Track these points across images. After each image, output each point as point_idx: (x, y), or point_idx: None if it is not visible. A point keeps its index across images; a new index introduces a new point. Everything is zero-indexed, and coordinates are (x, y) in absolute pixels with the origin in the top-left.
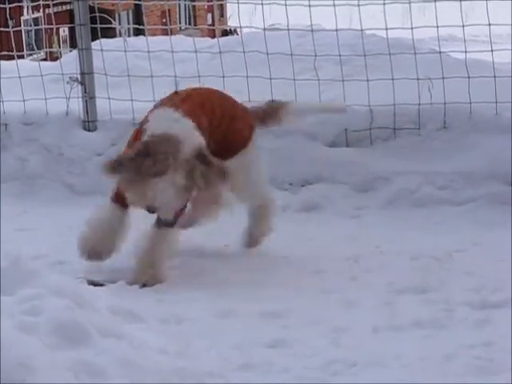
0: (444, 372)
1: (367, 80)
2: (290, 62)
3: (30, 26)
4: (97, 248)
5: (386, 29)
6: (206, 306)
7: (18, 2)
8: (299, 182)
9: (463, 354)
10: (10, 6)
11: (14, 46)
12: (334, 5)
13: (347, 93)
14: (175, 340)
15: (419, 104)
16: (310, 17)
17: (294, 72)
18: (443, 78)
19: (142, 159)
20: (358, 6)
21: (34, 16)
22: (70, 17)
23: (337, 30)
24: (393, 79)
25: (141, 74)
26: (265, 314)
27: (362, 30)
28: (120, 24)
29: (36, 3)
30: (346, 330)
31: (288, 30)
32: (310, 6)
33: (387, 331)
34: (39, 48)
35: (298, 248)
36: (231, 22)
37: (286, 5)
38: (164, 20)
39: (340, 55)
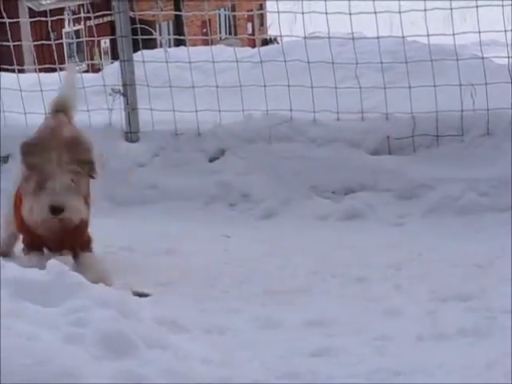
0: (487, 380)
1: (409, 87)
2: (331, 70)
3: (72, 38)
4: None
5: (428, 35)
6: (249, 316)
7: (60, 14)
8: (342, 190)
9: (506, 362)
10: (52, 18)
11: (56, 58)
12: (375, 12)
13: (389, 100)
14: (218, 350)
15: (462, 110)
16: (351, 24)
17: (335, 80)
18: (486, 83)
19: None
20: (399, 12)
21: (75, 28)
22: (111, 28)
23: (378, 38)
24: (435, 86)
25: (182, 84)
26: (308, 323)
27: (403, 37)
28: (161, 35)
29: (77, 16)
30: (390, 338)
31: (329, 38)
32: (350, 13)
33: (431, 339)
34: (81, 60)
35: (340, 256)
36: (271, 31)
37: (326, 13)
38: (204, 30)
39: (381, 62)
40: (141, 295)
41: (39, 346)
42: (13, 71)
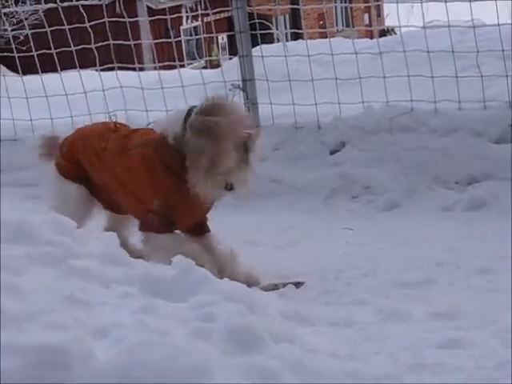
0: None
1: None
2: (452, 59)
3: (190, 34)
4: None
5: None
6: (373, 309)
7: (178, 12)
8: (465, 180)
9: None
10: (171, 16)
11: (175, 55)
12: None
13: (511, 88)
14: (345, 343)
15: None
16: (471, 12)
17: (455, 69)
18: None
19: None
20: None
21: (193, 25)
22: (228, 24)
23: (499, 25)
24: None
25: (301, 78)
26: (434, 315)
27: None
28: (278, 29)
29: (195, 13)
30: None
31: (448, 26)
32: (470, 0)
33: None
34: (200, 57)
35: (465, 247)
36: (388, 22)
37: (445, 1)
38: (321, 22)
39: (503, 50)
40: (267, 289)
41: (169, 341)
42: (133, 69)
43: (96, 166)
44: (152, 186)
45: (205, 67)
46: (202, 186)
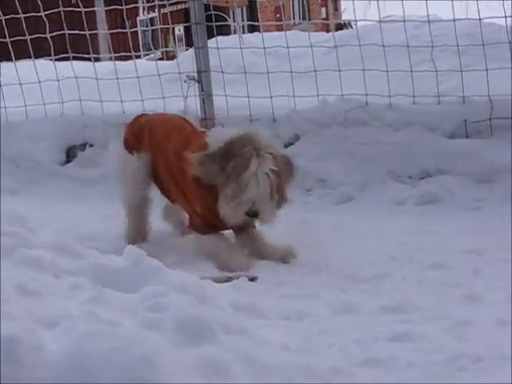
0: None
1: (486, 70)
2: (407, 54)
3: (146, 25)
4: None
5: (505, 17)
6: (327, 302)
7: (134, 2)
8: (418, 174)
9: None
10: (127, 6)
11: (131, 46)
12: None
13: (466, 83)
14: (297, 336)
15: None
16: (427, 7)
17: (410, 63)
18: None
19: (227, 155)
20: None
21: (149, 16)
22: (185, 16)
23: (454, 20)
24: None
25: (257, 70)
26: (386, 309)
27: (479, 19)
28: (234, 21)
29: (152, 3)
30: (470, 323)
31: (404, 21)
32: None
33: None
34: (156, 48)
35: (418, 241)
36: (345, 16)
37: None
38: (278, 15)
39: (458, 45)
40: (218, 281)
41: (119, 331)
42: (89, 60)
43: (160, 155)
44: (197, 193)
45: (161, 58)
46: (223, 209)
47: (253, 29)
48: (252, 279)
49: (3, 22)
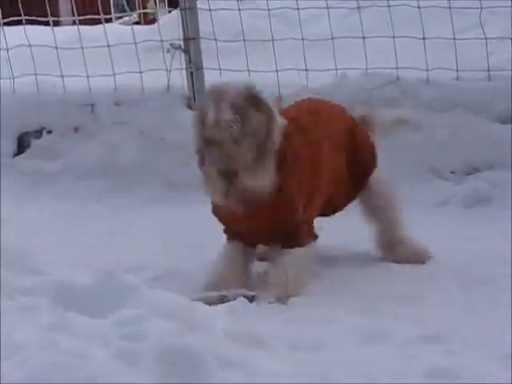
0: None
1: None
2: (449, 17)
3: None
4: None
5: None
6: (347, 328)
7: None
8: (464, 169)
9: None
10: None
11: (99, 7)
12: None
13: None
14: (309, 371)
15: None
16: None
17: (453, 29)
18: None
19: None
20: None
21: None
22: None
23: None
24: None
25: (259, 37)
26: (423, 337)
27: None
28: None
29: None
30: None
31: None
32: None
33: None
34: (131, 9)
35: (461, 250)
36: None
37: None
38: None
39: None
40: (211, 303)
41: (87, 364)
42: (46, 24)
43: None
44: None
45: (137, 22)
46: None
47: None
48: (251, 299)
49: None
